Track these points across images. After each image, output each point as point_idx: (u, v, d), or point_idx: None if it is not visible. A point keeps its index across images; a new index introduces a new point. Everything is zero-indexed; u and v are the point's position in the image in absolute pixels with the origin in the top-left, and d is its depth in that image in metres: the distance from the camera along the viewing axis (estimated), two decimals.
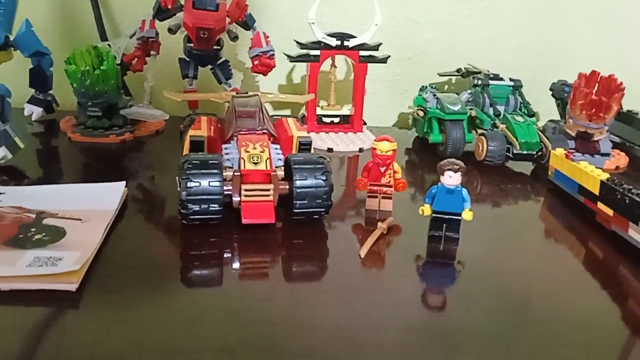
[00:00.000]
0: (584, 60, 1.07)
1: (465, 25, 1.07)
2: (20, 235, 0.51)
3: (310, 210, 0.58)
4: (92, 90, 0.80)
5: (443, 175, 0.55)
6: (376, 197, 0.64)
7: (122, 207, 0.61)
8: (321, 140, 0.90)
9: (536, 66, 1.09)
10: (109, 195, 0.61)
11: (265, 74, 0.89)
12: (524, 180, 0.82)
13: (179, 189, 0.55)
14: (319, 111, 0.95)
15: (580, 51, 1.10)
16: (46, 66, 0.90)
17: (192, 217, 0.55)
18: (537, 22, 1.08)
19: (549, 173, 0.76)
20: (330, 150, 0.88)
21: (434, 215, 0.57)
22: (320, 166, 0.58)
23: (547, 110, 0.99)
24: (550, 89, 0.97)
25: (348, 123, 0.97)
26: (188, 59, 0.89)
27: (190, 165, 0.55)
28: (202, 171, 0.54)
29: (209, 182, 0.54)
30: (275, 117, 0.73)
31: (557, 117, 0.97)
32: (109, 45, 0.88)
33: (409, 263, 0.55)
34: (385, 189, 0.64)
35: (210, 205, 0.55)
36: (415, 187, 0.76)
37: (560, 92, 0.95)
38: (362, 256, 0.54)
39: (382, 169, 0.63)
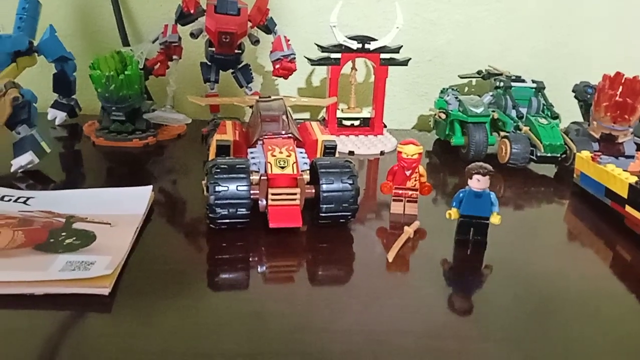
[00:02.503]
0: (603, 61, 1.07)
1: (484, 27, 1.07)
2: (51, 239, 0.52)
3: (336, 214, 0.58)
4: (116, 95, 0.81)
5: (471, 179, 0.55)
6: (401, 200, 0.64)
7: (149, 211, 0.62)
8: (342, 144, 0.90)
9: (555, 67, 1.08)
10: (136, 200, 0.61)
11: (286, 77, 0.89)
12: (548, 183, 0.81)
13: (206, 193, 0.55)
14: (339, 114, 0.95)
15: (600, 51, 1.09)
16: (70, 71, 0.91)
17: (219, 221, 0.56)
18: (556, 23, 1.07)
19: (574, 176, 0.76)
20: (351, 153, 0.88)
21: (461, 219, 0.57)
22: (346, 170, 0.58)
23: (568, 112, 0.97)
24: (573, 91, 0.96)
25: (368, 126, 0.97)
26: (210, 63, 0.89)
27: (218, 170, 0.55)
28: (230, 175, 0.55)
29: (237, 186, 0.54)
30: (297, 120, 0.73)
31: (580, 119, 0.96)
32: (131, 50, 0.89)
33: (435, 267, 0.55)
34: (410, 192, 0.64)
35: (238, 209, 0.55)
36: (437, 190, 0.76)
37: (583, 94, 0.94)
38: (390, 260, 0.53)
39: (408, 173, 0.63)
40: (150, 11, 1.02)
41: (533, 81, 0.91)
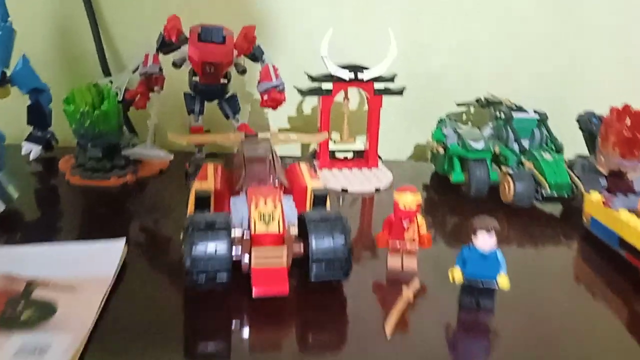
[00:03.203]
0: (609, 88, 1.02)
1: (482, 50, 1.02)
2: (7, 312, 0.46)
3: (327, 275, 0.52)
4: (91, 132, 0.75)
5: (475, 235, 0.50)
6: (399, 254, 0.59)
7: (122, 267, 0.56)
8: (335, 179, 0.85)
9: (558, 94, 1.03)
10: (106, 257, 0.56)
11: (274, 108, 0.84)
12: (555, 224, 0.76)
13: (183, 251, 0.50)
14: (332, 146, 0.90)
15: (605, 78, 1.04)
16: (45, 102, 0.86)
17: (198, 284, 0.50)
18: (558, 48, 1.03)
19: (584, 220, 0.71)
20: (344, 191, 0.83)
21: (465, 283, 0.52)
22: (338, 225, 0.52)
23: (572, 140, 0.93)
24: (577, 121, 0.91)
25: (362, 158, 0.92)
26: (194, 94, 0.84)
27: (194, 230, 0.49)
28: (209, 235, 0.49)
29: (216, 248, 0.49)
30: (285, 158, 0.68)
31: (583, 149, 0.91)
32: (110, 81, 0.83)
33: (437, 331, 0.50)
34: (409, 245, 0.59)
35: (218, 273, 0.49)
36: (437, 231, 0.70)
37: (588, 124, 0.89)
38: (389, 336, 0.48)
39: (406, 224, 0.58)
40: (133, 37, 0.97)
41: (535, 111, 0.86)
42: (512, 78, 1.03)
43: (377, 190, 0.84)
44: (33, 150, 0.88)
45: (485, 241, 0.50)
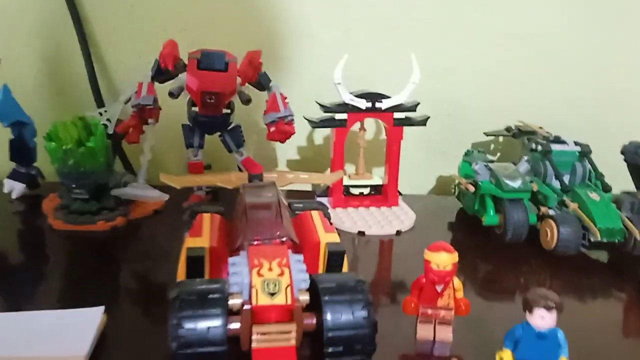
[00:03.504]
0: None
1: (510, 75, 0.93)
2: None
3: (346, 359, 0.42)
4: (76, 171, 0.67)
5: (531, 313, 0.40)
6: (431, 323, 0.49)
7: (100, 340, 0.47)
8: (350, 220, 0.76)
9: (598, 123, 0.93)
10: (81, 330, 0.46)
11: (283, 141, 0.75)
12: (605, 275, 0.66)
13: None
14: (346, 181, 0.81)
15: None
16: (29, 136, 0.78)
17: None
18: (597, 70, 0.93)
19: None
20: (361, 233, 0.73)
21: None
22: (359, 297, 0.43)
23: (615, 175, 0.83)
24: (622, 153, 0.81)
25: (380, 194, 0.82)
26: (192, 126, 0.76)
27: (182, 303, 0.40)
28: (199, 312, 0.40)
29: (209, 327, 0.40)
30: (295, 203, 0.59)
31: (630, 186, 0.81)
32: (100, 113, 0.75)
33: None
34: (443, 313, 0.49)
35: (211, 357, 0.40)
36: (468, 281, 0.61)
37: (635, 157, 0.79)
38: None
39: (439, 288, 0.48)
40: (130, 63, 0.89)
41: (576, 143, 0.77)
42: (544, 105, 0.93)
43: (398, 233, 0.74)
44: (16, 188, 0.79)
45: (544, 320, 0.40)
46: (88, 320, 0.47)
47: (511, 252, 0.70)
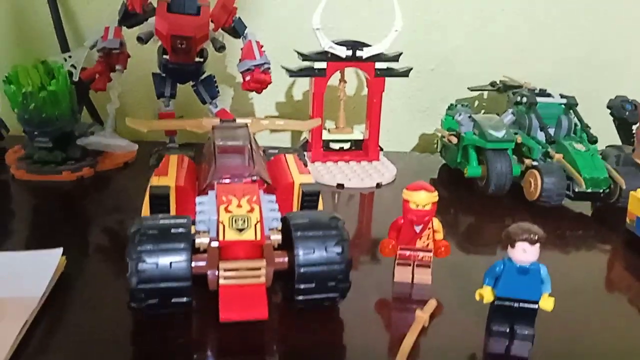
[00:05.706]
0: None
1: (498, 31, 0.90)
2: None
3: (319, 296, 0.40)
4: (38, 117, 0.63)
5: (513, 247, 0.38)
6: (409, 265, 0.47)
7: (57, 285, 0.44)
8: (329, 173, 0.73)
9: (585, 79, 0.91)
10: (38, 271, 0.43)
11: (259, 91, 0.72)
12: (590, 226, 0.65)
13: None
14: (325, 135, 0.78)
15: (635, 60, 0.93)
16: None
17: (148, 311, 0.38)
18: (584, 28, 0.91)
19: (627, 221, 0.59)
20: (340, 186, 0.71)
21: (497, 303, 0.40)
22: (333, 232, 0.40)
23: (601, 130, 0.81)
24: (608, 107, 0.79)
25: (361, 149, 0.80)
26: (163, 75, 0.72)
27: (144, 237, 0.37)
28: (162, 246, 0.37)
29: (171, 262, 0.37)
30: (270, 150, 0.56)
31: (614, 139, 0.80)
32: (64, 59, 0.71)
33: None
34: (421, 254, 0.47)
35: (174, 298, 0.37)
36: (449, 234, 0.59)
37: (621, 110, 0.78)
38: None
39: (418, 229, 0.46)
40: (95, 11, 0.84)
41: (562, 96, 0.74)
42: (531, 62, 0.91)
43: (379, 185, 0.72)
44: None
45: (526, 254, 0.38)
46: (45, 262, 0.44)
47: (494, 204, 0.68)
